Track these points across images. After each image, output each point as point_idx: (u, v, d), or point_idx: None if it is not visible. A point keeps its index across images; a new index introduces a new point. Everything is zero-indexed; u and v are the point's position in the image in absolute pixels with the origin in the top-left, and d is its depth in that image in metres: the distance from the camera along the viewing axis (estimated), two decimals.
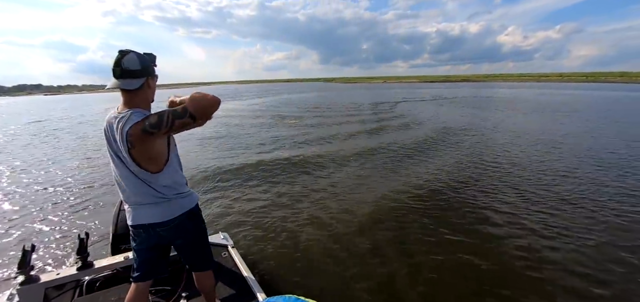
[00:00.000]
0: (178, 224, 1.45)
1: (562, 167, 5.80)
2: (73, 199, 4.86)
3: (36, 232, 3.80)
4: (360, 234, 3.42)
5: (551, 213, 3.87)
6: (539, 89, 45.29)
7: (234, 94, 46.58)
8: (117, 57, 1.27)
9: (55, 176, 6.20)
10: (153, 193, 1.38)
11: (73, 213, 4.32)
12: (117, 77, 1.27)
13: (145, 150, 1.28)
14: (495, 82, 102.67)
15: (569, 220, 3.68)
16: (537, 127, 10.80)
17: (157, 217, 1.41)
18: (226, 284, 2.11)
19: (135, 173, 1.33)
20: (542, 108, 17.34)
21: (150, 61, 1.36)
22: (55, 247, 3.40)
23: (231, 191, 4.83)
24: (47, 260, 3.16)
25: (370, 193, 4.64)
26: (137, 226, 1.43)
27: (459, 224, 3.65)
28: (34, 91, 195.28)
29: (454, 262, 2.91)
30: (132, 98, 1.31)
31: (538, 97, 27.24)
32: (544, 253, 3.02)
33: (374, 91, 44.64)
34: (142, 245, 1.48)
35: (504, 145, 7.73)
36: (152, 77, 1.36)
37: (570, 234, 3.36)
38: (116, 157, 1.34)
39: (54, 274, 1.99)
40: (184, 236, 1.51)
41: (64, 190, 5.32)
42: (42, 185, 5.65)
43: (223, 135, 10.07)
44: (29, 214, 4.36)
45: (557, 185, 4.85)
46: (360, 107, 19.61)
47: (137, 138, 1.24)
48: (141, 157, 1.29)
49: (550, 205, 4.12)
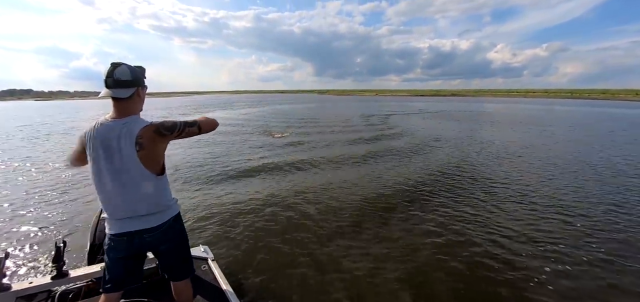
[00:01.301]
0: (165, 229, 1.49)
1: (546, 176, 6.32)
2: (53, 206, 4.78)
3: (12, 239, 3.71)
4: (343, 248, 3.43)
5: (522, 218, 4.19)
6: (525, 104, 47.08)
7: (225, 104, 46.91)
8: (110, 69, 1.35)
9: (36, 181, 6.16)
10: (147, 199, 1.42)
11: (52, 221, 4.25)
12: (109, 87, 1.35)
13: (154, 151, 1.39)
14: (483, 97, 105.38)
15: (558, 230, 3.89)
16: (512, 138, 11.62)
17: (148, 222, 1.44)
18: (206, 297, 2.09)
19: (132, 178, 1.36)
20: (529, 122, 18.22)
21: (140, 73, 1.44)
22: (31, 255, 3.33)
23: (211, 203, 4.80)
24: (21, 268, 3.10)
25: (353, 204, 4.72)
26: (121, 234, 1.43)
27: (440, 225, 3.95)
28: (24, 96, 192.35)
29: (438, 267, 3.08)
30: (126, 106, 1.39)
31: (523, 111, 28.42)
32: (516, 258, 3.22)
33: (364, 103, 45.43)
34: (120, 254, 1.47)
35: (483, 158, 8.00)
36: (142, 87, 1.45)
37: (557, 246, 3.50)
38: (109, 165, 1.35)
39: (27, 283, 1.93)
40: (169, 241, 1.53)
41: (43, 196, 5.25)
42: (22, 189, 5.65)
43: (204, 145, 9.86)
44: (6, 218, 4.31)
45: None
46: (350, 119, 19.61)
47: (148, 139, 1.35)
48: (148, 159, 1.37)
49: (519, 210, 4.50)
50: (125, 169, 1.35)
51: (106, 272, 1.51)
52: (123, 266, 1.50)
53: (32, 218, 4.35)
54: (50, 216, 4.41)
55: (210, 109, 33.98)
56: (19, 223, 4.17)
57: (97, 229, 2.16)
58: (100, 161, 1.36)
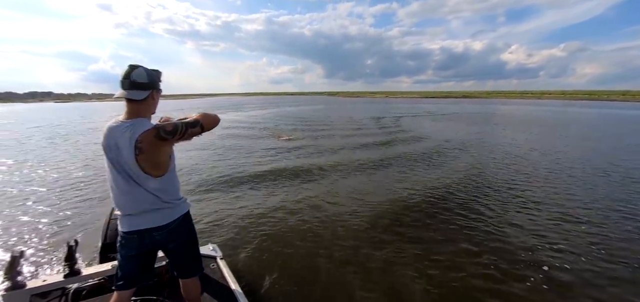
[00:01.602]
0: (174, 227, 1.52)
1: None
2: (65, 205, 4.91)
3: (26, 237, 3.81)
4: (353, 252, 3.37)
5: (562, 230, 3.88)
6: (538, 106, 45.83)
7: (236, 105, 47.62)
8: (127, 71, 1.37)
9: (51, 181, 6.36)
10: (152, 199, 1.44)
11: (64, 220, 4.35)
12: (125, 89, 1.37)
13: (154, 155, 1.39)
14: (496, 98, 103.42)
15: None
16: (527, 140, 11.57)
17: (155, 221, 1.47)
18: (213, 295, 2.11)
19: (136, 180, 1.39)
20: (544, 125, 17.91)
21: (156, 76, 1.46)
22: (43, 253, 3.42)
23: (221, 203, 4.85)
24: (35, 266, 3.17)
25: (366, 208, 4.60)
26: (132, 232, 1.46)
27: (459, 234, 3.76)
28: (45, 98, 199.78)
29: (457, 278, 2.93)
30: (137, 108, 1.40)
31: (538, 114, 27.61)
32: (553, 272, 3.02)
33: (374, 105, 45.33)
34: (132, 252, 1.50)
35: (506, 162, 7.70)
36: (157, 90, 1.47)
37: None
38: (116, 164, 1.39)
39: (41, 280, 1.97)
40: (178, 239, 1.56)
41: (57, 196, 5.41)
42: (37, 189, 5.81)
43: (214, 147, 9.94)
44: (20, 217, 4.45)
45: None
46: (360, 121, 19.26)
47: (148, 144, 1.35)
48: (147, 163, 1.38)
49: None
50: (128, 169, 1.38)
51: (118, 270, 1.54)
52: (135, 264, 1.54)
53: (48, 215, 4.51)
54: (66, 214, 4.56)
55: (222, 110, 34.56)
56: (35, 220, 4.31)
57: (108, 228, 2.21)
58: (110, 160, 1.41)
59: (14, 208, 4.85)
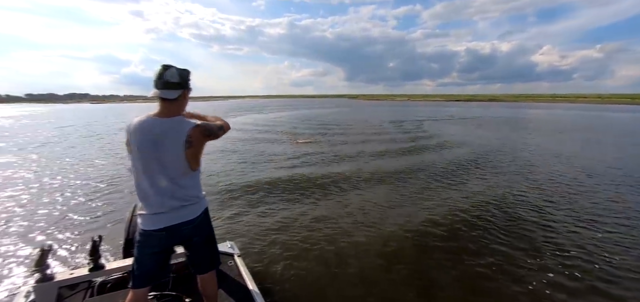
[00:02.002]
0: (199, 222, 1.59)
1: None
2: (91, 202, 5.17)
3: (55, 232, 4.01)
4: (374, 263, 3.23)
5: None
6: (576, 110, 43.03)
7: (258, 107, 48.40)
8: (160, 71, 1.43)
9: (79, 178, 6.70)
10: (182, 194, 1.51)
11: (90, 215, 4.57)
12: (159, 88, 1.43)
13: (198, 150, 1.52)
14: (525, 102, 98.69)
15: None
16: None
17: (185, 215, 1.53)
18: (229, 293, 2.14)
19: (172, 174, 1.46)
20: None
21: (186, 76, 1.52)
22: (70, 248, 3.59)
23: (240, 203, 4.91)
24: (62, 260, 3.33)
25: (391, 220, 4.34)
26: (160, 229, 1.49)
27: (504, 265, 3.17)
28: (82, 100, 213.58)
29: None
30: (171, 107, 1.47)
31: (575, 119, 26.09)
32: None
33: (395, 108, 44.70)
34: (155, 249, 1.53)
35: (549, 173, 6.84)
36: (187, 89, 1.54)
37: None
38: (153, 160, 1.43)
39: (68, 273, 2.04)
40: (201, 233, 1.62)
41: (84, 192, 5.71)
42: (65, 186, 6.14)
43: (231, 149, 9.99)
44: (50, 213, 4.69)
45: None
46: (381, 126, 18.70)
47: (196, 139, 1.48)
48: (193, 156, 1.48)
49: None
50: (172, 164, 1.44)
51: (135, 269, 1.55)
52: (155, 261, 1.56)
53: (77, 210, 4.81)
54: (93, 209, 4.83)
55: (243, 112, 35.48)
56: (62, 217, 4.54)
57: (131, 224, 2.23)
58: (148, 155, 1.43)
59: (47, 201, 5.21)
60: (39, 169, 7.73)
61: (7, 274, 3.10)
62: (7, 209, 4.93)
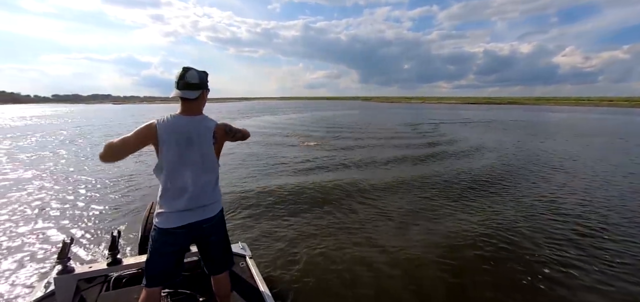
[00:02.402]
0: (217, 220, 1.64)
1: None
2: (112, 198, 5.40)
3: (76, 226, 4.21)
4: (388, 275, 3.12)
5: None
6: (589, 113, 41.39)
7: (272, 109, 48.80)
8: (181, 73, 1.52)
9: (102, 176, 6.92)
10: (209, 190, 1.59)
11: (110, 211, 4.76)
12: (180, 89, 1.51)
13: (220, 147, 1.65)
14: (546, 105, 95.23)
15: None
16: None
17: (206, 213, 1.58)
18: (241, 294, 2.15)
19: (204, 169, 1.56)
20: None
21: (205, 77, 1.61)
22: (90, 242, 3.76)
23: (253, 205, 4.95)
24: (81, 253, 3.47)
25: (406, 233, 4.09)
26: (181, 226, 1.52)
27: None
28: (105, 100, 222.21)
29: None
30: (192, 106, 1.56)
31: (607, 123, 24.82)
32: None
33: (409, 111, 44.19)
34: (172, 248, 1.54)
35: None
36: (206, 90, 1.62)
37: None
38: (189, 155, 1.51)
39: (87, 267, 2.07)
40: (218, 232, 1.67)
41: (107, 188, 5.96)
42: (89, 182, 6.38)
43: (245, 152, 9.89)
44: (72, 207, 4.91)
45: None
46: (394, 128, 18.48)
47: (220, 135, 1.61)
48: (217, 152, 1.63)
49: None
50: (203, 159, 1.54)
51: (150, 267, 1.54)
52: (170, 260, 1.56)
53: (100, 204, 5.05)
54: (110, 207, 4.98)
55: (258, 113, 36.02)
56: (84, 212, 4.76)
57: (148, 221, 2.27)
58: (183, 151, 1.49)
59: (71, 195, 5.50)
60: (63, 165, 8.11)
61: (27, 265, 3.23)
62: (33, 200, 5.24)
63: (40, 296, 1.98)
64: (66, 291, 1.90)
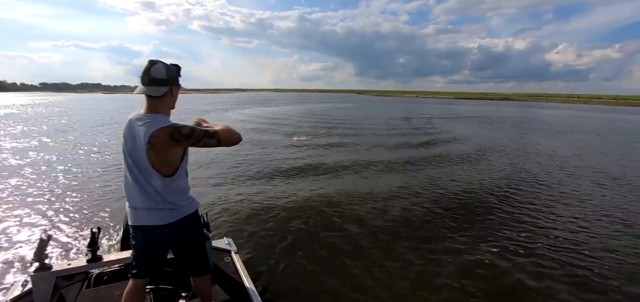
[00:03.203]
0: (176, 228, 1.50)
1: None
2: (90, 193, 5.17)
3: (53, 222, 4.03)
4: (372, 262, 3.27)
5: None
6: (577, 110, 42.36)
7: (265, 101, 48.54)
8: (147, 66, 1.38)
9: (78, 170, 6.69)
10: (157, 197, 1.43)
11: (89, 207, 4.58)
12: (144, 84, 1.38)
13: (165, 154, 1.39)
14: (538, 101, 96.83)
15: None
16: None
17: (156, 219, 1.46)
18: (225, 289, 2.14)
19: (144, 174, 1.40)
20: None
21: (176, 72, 1.46)
22: (69, 239, 3.61)
23: (238, 199, 4.92)
24: (60, 250, 3.35)
25: (389, 218, 4.42)
26: (136, 226, 1.49)
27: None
28: (94, 89, 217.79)
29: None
30: (156, 104, 1.42)
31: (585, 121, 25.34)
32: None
33: (402, 105, 44.61)
34: (141, 244, 1.53)
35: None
36: (176, 86, 1.48)
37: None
38: (129, 157, 1.42)
39: (66, 264, 2.02)
40: (182, 240, 1.56)
41: (83, 184, 5.69)
42: (65, 177, 6.12)
43: (237, 147, 9.27)
44: (48, 203, 4.69)
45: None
46: (389, 122, 18.40)
47: (160, 141, 1.35)
48: (157, 160, 1.38)
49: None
50: (138, 163, 1.40)
51: (133, 259, 1.59)
52: (146, 256, 1.56)
53: (72, 203, 4.75)
54: (88, 202, 4.79)
55: (250, 105, 35.78)
56: (61, 207, 4.56)
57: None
58: (126, 151, 1.44)
59: (45, 194, 5.14)
60: (47, 157, 7.91)
61: (5, 262, 3.13)
62: (9, 196, 5.00)
63: (18, 295, 1.95)
64: (44, 289, 1.85)
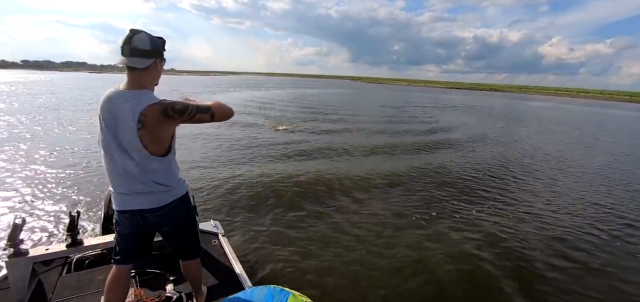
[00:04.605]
0: (168, 211, 1.44)
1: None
2: (68, 176, 4.97)
3: (28, 206, 3.87)
4: (361, 246, 3.31)
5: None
6: (562, 104, 43.49)
7: (256, 85, 47.94)
8: (128, 35, 1.26)
9: (54, 151, 6.39)
10: (146, 179, 1.35)
11: (66, 190, 4.42)
12: (125, 55, 1.26)
13: (157, 132, 1.30)
14: (527, 94, 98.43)
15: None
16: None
17: (148, 203, 1.39)
18: (214, 272, 2.13)
19: (132, 156, 1.29)
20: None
21: (160, 44, 1.36)
22: (46, 223, 3.47)
23: (227, 184, 4.85)
24: (37, 235, 3.22)
25: (378, 206, 4.44)
26: (124, 211, 1.41)
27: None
28: (80, 69, 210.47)
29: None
30: (140, 77, 1.30)
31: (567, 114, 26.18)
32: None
33: (394, 93, 44.52)
34: (127, 230, 1.46)
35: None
36: (160, 59, 1.37)
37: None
38: (113, 137, 1.29)
39: (43, 249, 1.95)
40: (173, 223, 1.51)
41: (60, 166, 5.43)
42: (40, 158, 5.85)
43: (220, 129, 9.40)
44: (23, 187, 4.48)
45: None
46: (382, 112, 18.00)
47: (152, 118, 1.26)
48: (149, 138, 1.28)
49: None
50: (126, 144, 1.28)
51: (116, 245, 1.51)
52: (131, 242, 1.49)
53: (48, 187, 4.57)
54: (66, 186, 4.61)
55: (241, 89, 35.25)
56: (36, 191, 4.37)
57: (111, 199, 2.14)
58: (107, 132, 1.30)
59: (20, 177, 4.92)
60: (25, 138, 7.54)
61: None
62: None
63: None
64: (20, 275, 1.80)
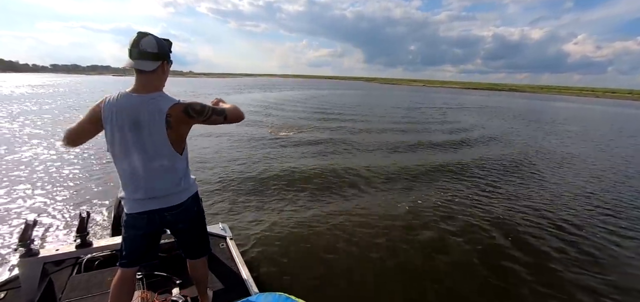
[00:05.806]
0: (185, 208, 1.49)
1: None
2: (79, 178, 5.05)
3: (40, 207, 3.93)
4: (368, 257, 3.18)
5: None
6: (585, 104, 41.48)
7: (271, 86, 48.50)
8: (135, 38, 1.28)
9: (66, 153, 6.41)
10: (174, 178, 1.41)
11: (78, 191, 4.48)
12: (133, 58, 1.28)
13: (180, 131, 1.36)
14: (549, 94, 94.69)
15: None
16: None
17: (169, 201, 1.44)
18: (220, 275, 2.12)
19: (162, 156, 1.34)
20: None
21: (167, 46, 1.37)
22: (57, 224, 3.53)
23: (234, 186, 4.85)
24: (48, 236, 3.29)
25: (394, 210, 4.33)
26: (141, 212, 1.42)
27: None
28: (104, 72, 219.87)
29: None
30: (151, 80, 1.33)
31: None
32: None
33: (411, 95, 43.94)
34: (139, 231, 1.47)
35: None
36: (167, 62, 1.39)
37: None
38: (136, 139, 1.31)
39: (54, 249, 1.98)
40: (188, 220, 1.55)
41: (72, 167, 5.54)
42: (52, 161, 5.90)
43: (227, 132, 9.19)
44: (36, 188, 4.54)
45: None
46: (395, 115, 16.87)
47: (176, 118, 1.32)
48: (174, 138, 1.34)
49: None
50: (152, 145, 1.32)
51: (123, 249, 1.52)
52: (141, 243, 1.51)
53: (60, 188, 4.62)
54: (77, 187, 4.66)
55: (253, 90, 35.76)
56: (48, 192, 4.43)
57: (121, 202, 2.16)
58: (127, 135, 1.31)
59: (32, 179, 4.94)
60: (39, 140, 7.56)
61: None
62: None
63: (4, 281, 1.94)
64: (31, 275, 1.83)
